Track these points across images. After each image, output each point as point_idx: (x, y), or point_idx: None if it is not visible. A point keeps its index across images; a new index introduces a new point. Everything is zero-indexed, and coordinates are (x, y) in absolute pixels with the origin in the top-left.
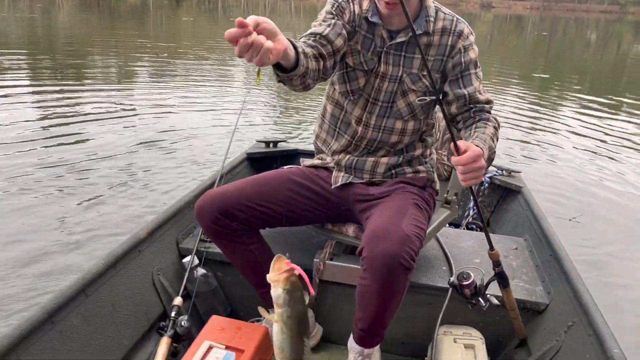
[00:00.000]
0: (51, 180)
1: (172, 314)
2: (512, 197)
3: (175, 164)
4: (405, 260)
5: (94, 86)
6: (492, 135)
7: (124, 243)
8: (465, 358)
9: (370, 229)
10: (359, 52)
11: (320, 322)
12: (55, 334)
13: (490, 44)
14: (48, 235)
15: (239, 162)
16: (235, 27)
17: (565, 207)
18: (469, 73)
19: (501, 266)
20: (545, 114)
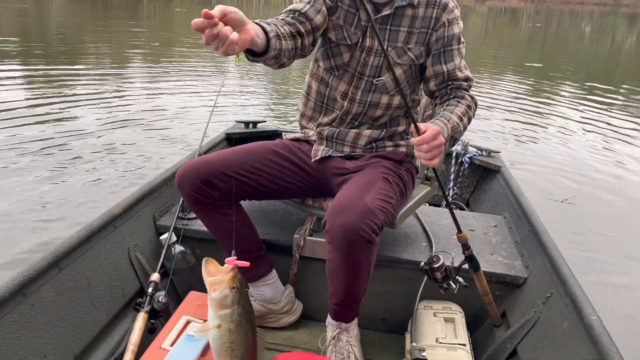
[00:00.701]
0: (30, 154)
1: (149, 290)
2: (492, 177)
3: (153, 144)
4: (365, 233)
5: (83, 71)
6: (462, 114)
7: (98, 218)
8: (445, 331)
9: (333, 202)
10: (342, 27)
11: (300, 299)
12: (27, 307)
13: (485, 36)
14: (24, 207)
15: (217, 142)
16: (202, 18)
17: (553, 187)
18: (451, 49)
19: (470, 249)
20: (538, 101)
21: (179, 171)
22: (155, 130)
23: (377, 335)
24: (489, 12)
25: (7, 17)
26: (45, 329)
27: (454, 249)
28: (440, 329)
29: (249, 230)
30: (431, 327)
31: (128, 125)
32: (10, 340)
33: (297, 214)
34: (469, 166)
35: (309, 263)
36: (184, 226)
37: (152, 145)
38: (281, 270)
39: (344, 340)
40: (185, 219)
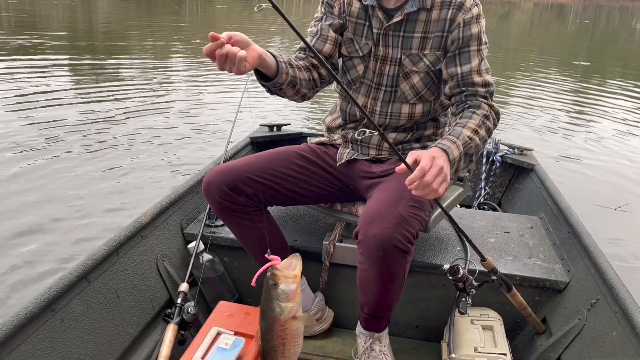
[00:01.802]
0: (58, 143)
1: (178, 301)
2: (525, 176)
3: (178, 149)
4: (400, 243)
5: (123, 66)
6: (477, 126)
7: (125, 228)
8: (484, 340)
9: (365, 211)
10: (352, 39)
11: (331, 306)
12: (57, 322)
13: (530, 33)
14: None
15: (242, 147)
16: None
17: (593, 191)
18: (468, 50)
19: (498, 272)
20: (584, 100)
21: (206, 177)
22: (181, 135)
23: (411, 343)
24: (534, 7)
25: (57, 13)
26: (75, 344)
27: (488, 254)
28: (479, 337)
29: (277, 236)
30: (469, 336)
31: (156, 127)
32: (40, 358)
33: (324, 219)
34: (500, 165)
35: (338, 270)
36: (211, 234)
37: (177, 151)
38: (310, 277)
39: (377, 350)
40: (212, 226)
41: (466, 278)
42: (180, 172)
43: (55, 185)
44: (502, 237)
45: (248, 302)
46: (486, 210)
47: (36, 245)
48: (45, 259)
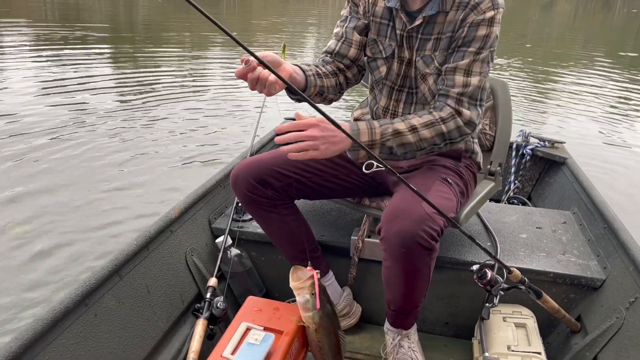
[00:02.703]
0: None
1: (207, 296)
2: (556, 169)
3: (205, 144)
4: (424, 240)
5: (162, 58)
6: (422, 125)
7: (155, 223)
8: (517, 338)
9: (388, 207)
10: (375, 40)
11: (360, 302)
12: (90, 317)
13: (574, 22)
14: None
15: (267, 141)
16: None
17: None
18: (466, 50)
19: (527, 282)
20: (630, 94)
21: (233, 171)
22: (206, 130)
23: (440, 340)
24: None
25: (99, 6)
26: (108, 337)
27: (520, 250)
28: (512, 335)
29: (304, 230)
30: (501, 333)
31: (180, 121)
32: (75, 352)
33: (352, 214)
34: (530, 158)
35: (367, 265)
36: (239, 229)
37: (204, 144)
38: (338, 272)
39: (405, 347)
40: (240, 221)
41: (494, 282)
42: (207, 166)
43: (84, 169)
44: (534, 232)
45: (275, 297)
46: (516, 204)
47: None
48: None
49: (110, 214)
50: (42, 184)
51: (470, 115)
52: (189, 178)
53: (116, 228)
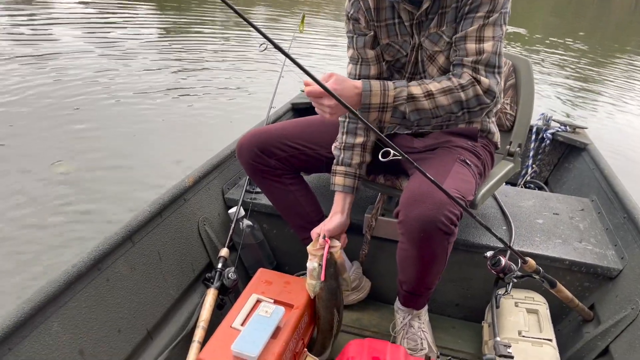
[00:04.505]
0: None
1: (219, 266)
2: (576, 155)
3: (220, 118)
4: (443, 225)
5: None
6: (439, 91)
7: (169, 191)
8: (528, 324)
9: (407, 190)
10: (389, 44)
11: (370, 279)
12: (102, 281)
13: (634, 12)
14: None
15: (284, 112)
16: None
17: None
18: (474, 16)
19: (541, 272)
20: None
21: (240, 140)
22: (223, 101)
23: (450, 321)
24: None
25: None
26: (119, 303)
27: (536, 235)
28: (523, 321)
29: (310, 200)
30: (513, 319)
31: (199, 96)
32: (87, 315)
33: (365, 192)
34: (550, 142)
35: (379, 243)
36: (252, 200)
37: (221, 116)
38: (349, 248)
39: (415, 327)
40: (253, 192)
41: (507, 269)
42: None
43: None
44: (551, 218)
45: (285, 270)
46: (532, 189)
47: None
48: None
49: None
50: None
51: (488, 83)
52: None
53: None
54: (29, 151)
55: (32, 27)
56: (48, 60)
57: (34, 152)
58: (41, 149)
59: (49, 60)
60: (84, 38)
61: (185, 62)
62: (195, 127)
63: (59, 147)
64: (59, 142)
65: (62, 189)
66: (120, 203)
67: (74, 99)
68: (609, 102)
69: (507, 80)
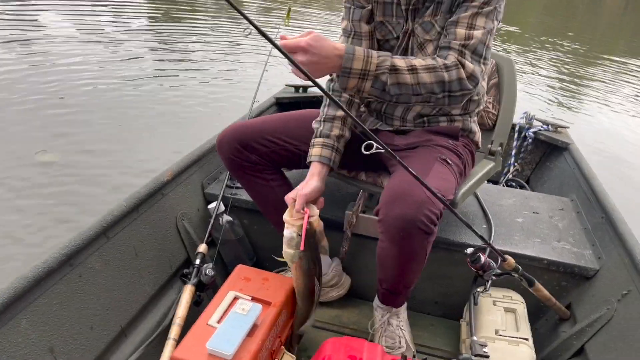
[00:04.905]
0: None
1: (197, 262)
2: (558, 154)
3: (203, 108)
4: (423, 225)
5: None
6: (423, 67)
7: (146, 185)
8: (505, 323)
9: (387, 189)
10: (383, 22)
11: (350, 276)
12: (75, 277)
13: (622, 18)
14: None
15: (267, 107)
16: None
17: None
18: (469, 4)
19: (520, 270)
20: None
21: (220, 134)
22: (205, 95)
23: (428, 319)
24: None
25: None
26: (92, 299)
27: (516, 234)
28: (501, 319)
29: None
30: (490, 317)
31: (183, 85)
32: (57, 312)
33: (347, 188)
34: (532, 141)
35: (360, 240)
36: (232, 195)
37: (201, 109)
38: (330, 246)
39: (394, 325)
40: (233, 187)
41: (487, 267)
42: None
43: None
44: (531, 217)
45: (265, 267)
46: (514, 187)
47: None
48: None
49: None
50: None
51: (473, 69)
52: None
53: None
54: (12, 140)
55: (16, 12)
56: (32, 46)
57: (17, 141)
58: (25, 138)
59: (32, 45)
60: (69, 24)
61: (172, 51)
62: (180, 118)
63: (43, 137)
64: (42, 131)
65: (46, 177)
66: (104, 193)
67: (58, 87)
68: (593, 102)
69: (490, 79)
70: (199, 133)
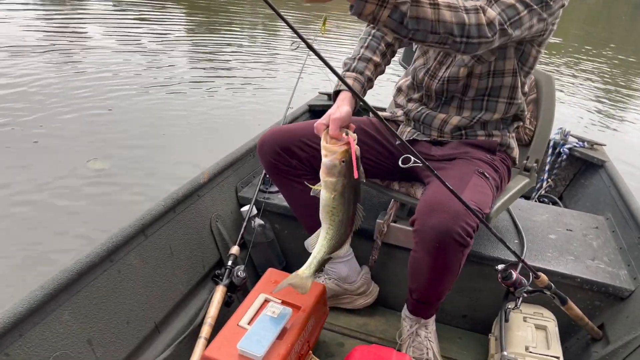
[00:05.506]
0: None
1: (229, 263)
2: (593, 172)
3: (238, 114)
4: (459, 237)
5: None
6: (439, 3)
7: (184, 186)
8: (536, 339)
9: (424, 199)
10: None
11: (377, 284)
12: (114, 272)
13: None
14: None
15: (300, 114)
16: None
17: None
18: None
19: (553, 288)
20: None
21: (261, 138)
22: (240, 103)
23: (456, 332)
24: None
25: None
26: (129, 295)
27: (548, 251)
28: (531, 336)
29: None
30: (520, 333)
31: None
32: (97, 305)
33: (378, 197)
34: (567, 157)
35: (390, 250)
36: (265, 199)
37: (237, 116)
38: (359, 253)
39: (422, 336)
40: (266, 192)
41: (518, 284)
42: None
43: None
44: (564, 234)
45: (294, 271)
46: (546, 203)
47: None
48: None
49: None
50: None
51: (494, 17)
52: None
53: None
54: (64, 149)
55: (64, 25)
56: (80, 59)
57: (69, 150)
58: (77, 147)
59: (81, 58)
60: (113, 36)
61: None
62: (218, 125)
63: (93, 145)
64: (92, 140)
65: (98, 183)
66: (151, 195)
67: (107, 98)
68: (633, 119)
69: (529, 95)
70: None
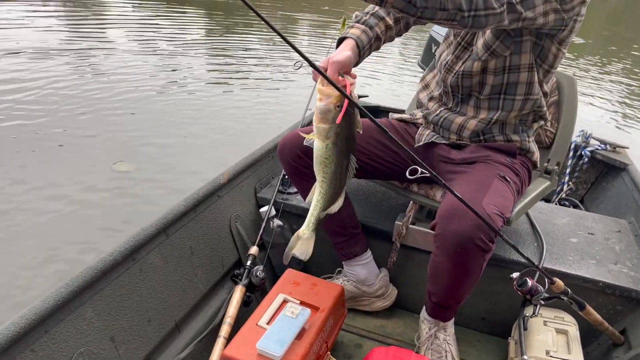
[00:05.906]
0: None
1: (248, 263)
2: (615, 175)
3: (258, 115)
4: (481, 242)
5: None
6: None
7: (204, 187)
8: (557, 344)
9: (445, 204)
10: None
11: (395, 286)
12: (136, 271)
13: None
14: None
15: None
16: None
17: None
18: None
19: (570, 293)
20: None
21: (281, 140)
22: (259, 102)
23: (475, 335)
24: None
25: None
26: (151, 294)
27: (569, 254)
28: (552, 340)
29: (346, 206)
30: (541, 337)
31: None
32: (120, 303)
33: (397, 199)
34: (589, 160)
35: (408, 252)
36: (283, 200)
37: (256, 116)
38: (378, 255)
39: (441, 339)
40: (285, 193)
41: (534, 291)
42: (257, 136)
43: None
44: (585, 238)
45: (312, 273)
46: (567, 206)
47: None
48: None
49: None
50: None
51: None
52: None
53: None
54: (88, 152)
55: (84, 29)
56: (104, 64)
57: (94, 153)
58: (101, 150)
59: (95, 59)
60: (134, 39)
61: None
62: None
63: (117, 148)
64: (116, 143)
65: (124, 186)
66: (178, 196)
67: (128, 101)
68: None
69: (550, 97)
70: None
